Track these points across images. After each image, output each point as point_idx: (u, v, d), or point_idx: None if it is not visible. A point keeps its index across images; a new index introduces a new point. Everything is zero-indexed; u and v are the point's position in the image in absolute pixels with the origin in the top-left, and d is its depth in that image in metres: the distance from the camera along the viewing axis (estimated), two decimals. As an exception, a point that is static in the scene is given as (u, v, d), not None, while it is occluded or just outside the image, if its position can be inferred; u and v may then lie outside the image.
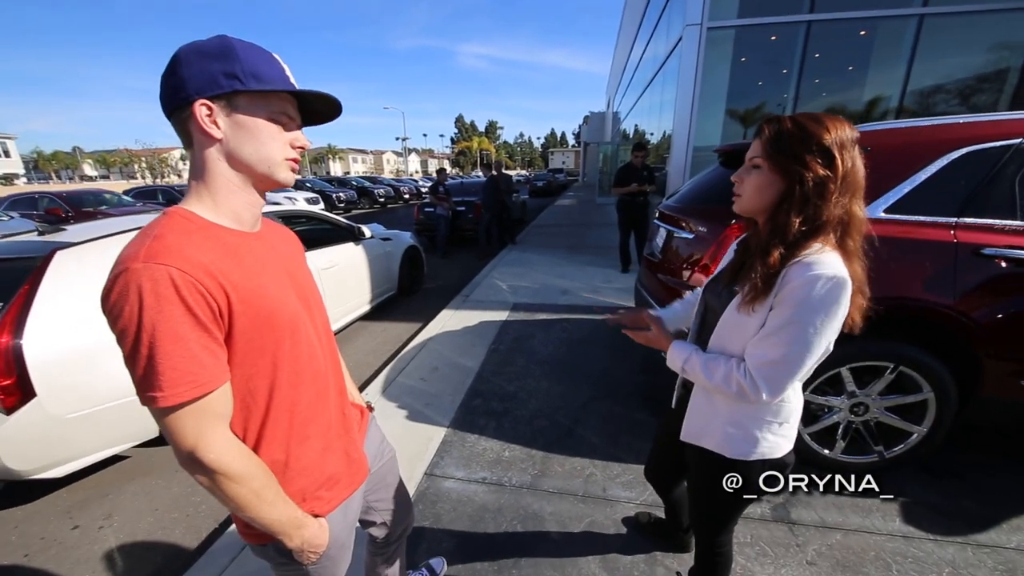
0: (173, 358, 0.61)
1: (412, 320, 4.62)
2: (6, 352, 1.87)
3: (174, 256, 0.62)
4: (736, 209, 0.97)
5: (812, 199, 0.83)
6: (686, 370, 1.02)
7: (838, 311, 0.83)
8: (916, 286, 1.78)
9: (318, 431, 0.86)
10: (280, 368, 0.76)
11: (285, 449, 0.80)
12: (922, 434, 1.94)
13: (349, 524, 0.94)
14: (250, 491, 0.71)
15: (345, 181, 20.33)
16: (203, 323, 0.64)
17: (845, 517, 1.83)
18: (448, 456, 2.31)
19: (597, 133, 25.91)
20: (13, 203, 10.60)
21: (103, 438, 2.17)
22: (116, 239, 2.38)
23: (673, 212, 2.57)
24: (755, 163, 0.91)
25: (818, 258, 0.83)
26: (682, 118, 6.48)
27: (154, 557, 1.87)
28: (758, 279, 0.86)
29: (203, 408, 0.65)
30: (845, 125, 0.84)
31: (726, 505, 1.14)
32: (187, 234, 0.67)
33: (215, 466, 0.67)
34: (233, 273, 0.68)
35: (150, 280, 0.60)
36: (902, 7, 5.67)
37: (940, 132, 1.85)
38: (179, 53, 0.68)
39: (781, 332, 0.86)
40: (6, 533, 2.03)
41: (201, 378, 0.64)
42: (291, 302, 0.79)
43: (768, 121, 0.90)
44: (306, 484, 0.83)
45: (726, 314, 0.98)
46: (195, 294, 0.62)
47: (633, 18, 13.87)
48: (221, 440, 0.68)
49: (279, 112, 0.73)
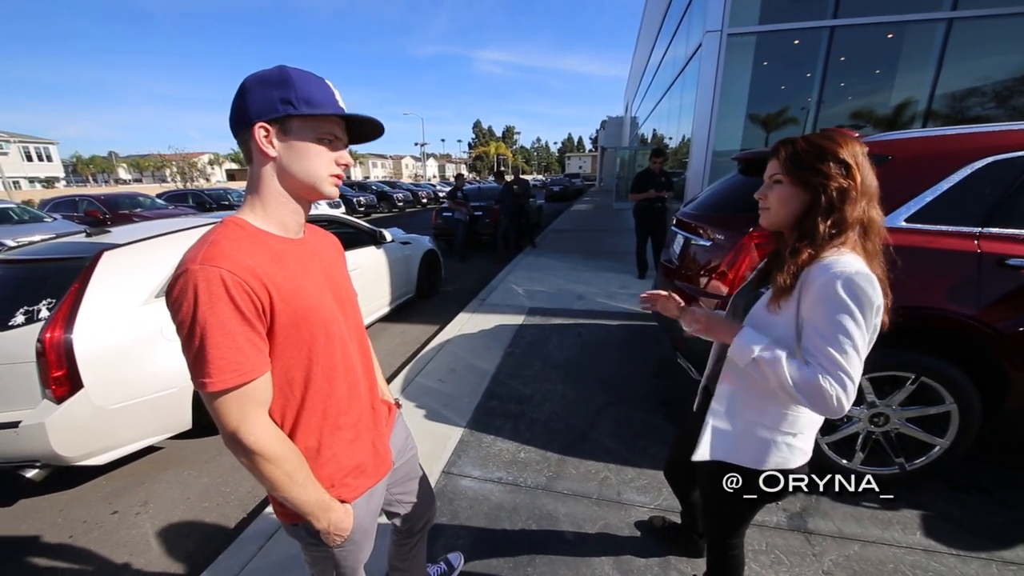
0: (221, 348, 0.69)
1: (430, 322, 4.71)
2: (58, 346, 2.01)
3: (225, 259, 0.70)
4: (764, 223, 1.03)
5: (837, 205, 0.89)
6: (759, 360, 0.92)
7: (872, 302, 0.84)
8: (938, 296, 1.76)
9: (349, 422, 0.93)
10: (315, 362, 0.84)
11: (318, 437, 0.87)
12: (944, 447, 1.90)
13: (372, 512, 1.01)
14: (283, 472, 0.78)
15: (365, 186, 20.76)
16: (248, 319, 0.72)
17: (864, 528, 1.81)
18: (465, 455, 2.36)
19: (614, 138, 25.83)
20: (55, 205, 11.19)
21: (141, 429, 2.30)
22: (158, 241, 2.53)
23: (691, 219, 2.59)
24: (776, 179, 0.97)
25: (837, 258, 0.88)
26: (702, 123, 6.44)
27: (187, 543, 1.98)
28: (786, 277, 0.91)
29: (246, 394, 0.74)
30: (854, 141, 0.92)
31: (734, 508, 1.16)
32: (238, 240, 0.76)
33: (254, 447, 0.75)
34: (276, 275, 0.76)
35: (204, 280, 0.68)
36: (930, 11, 5.54)
37: (964, 141, 1.84)
38: (245, 81, 0.77)
39: (829, 333, 0.86)
40: (53, 515, 2.17)
41: (244, 367, 0.72)
42: (327, 302, 0.87)
43: (783, 143, 0.97)
44: (335, 471, 0.90)
45: (753, 311, 1.02)
46: (242, 293, 0.70)
47: (652, 24, 13.84)
48: (260, 424, 0.76)
49: (326, 133, 0.81)
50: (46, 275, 2.29)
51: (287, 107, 0.76)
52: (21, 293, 2.20)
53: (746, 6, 5.99)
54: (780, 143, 0.98)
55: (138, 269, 2.37)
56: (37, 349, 1.99)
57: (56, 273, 2.27)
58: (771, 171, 0.98)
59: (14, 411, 2.00)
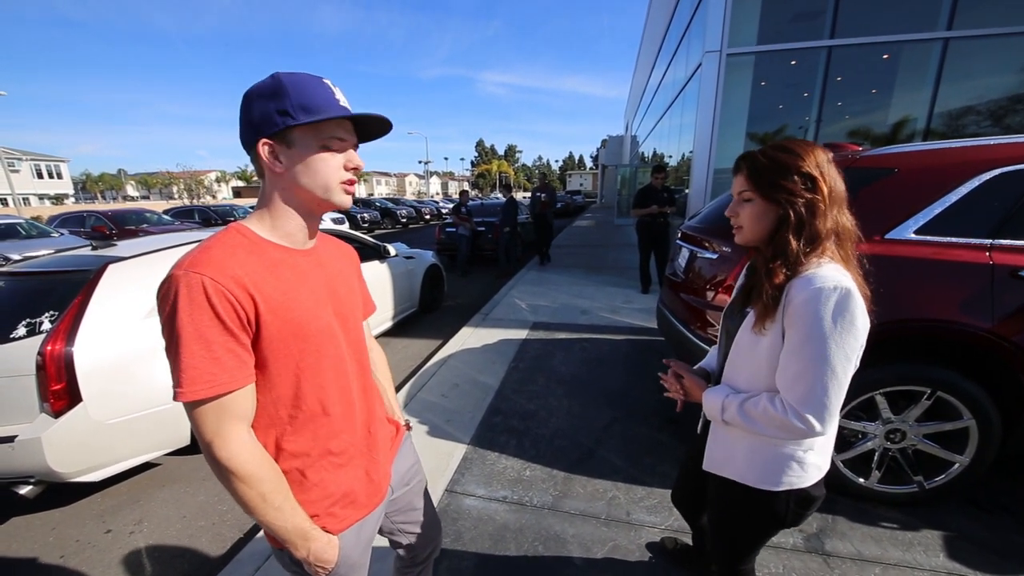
0: (196, 358, 0.67)
1: (433, 337, 4.67)
2: (58, 359, 1.99)
3: (211, 267, 0.68)
4: (739, 241, 1.01)
5: (807, 220, 0.88)
6: (726, 420, 0.99)
7: (855, 320, 0.82)
8: (951, 308, 1.73)
9: (340, 447, 0.87)
10: (305, 379, 0.80)
11: (304, 460, 0.82)
12: (964, 464, 1.85)
13: (362, 544, 0.93)
14: (257, 494, 0.73)
15: (369, 202, 20.96)
16: (229, 328, 0.69)
17: (884, 550, 1.74)
18: (469, 473, 2.30)
19: (615, 156, 26.17)
20: (63, 221, 11.33)
21: (138, 444, 2.25)
22: (163, 254, 2.53)
23: (697, 232, 2.58)
24: (746, 197, 0.96)
25: (817, 272, 0.86)
26: (702, 141, 6.52)
27: (181, 564, 1.91)
28: (766, 298, 0.89)
29: (223, 407, 0.70)
30: (816, 148, 0.90)
31: (750, 535, 1.10)
32: (233, 247, 0.74)
33: (227, 464, 0.71)
34: (266, 285, 0.73)
35: (186, 286, 0.66)
36: (926, 31, 5.66)
37: (971, 153, 1.84)
38: (246, 96, 0.75)
39: (802, 352, 0.85)
40: (44, 534, 2.11)
41: (220, 379, 0.69)
42: (323, 316, 0.83)
43: (744, 159, 0.96)
44: (320, 497, 0.84)
45: (739, 336, 1.00)
46: (223, 301, 0.68)
47: (652, 45, 14.18)
48: (236, 439, 0.72)
49: (330, 137, 0.77)
50: (50, 288, 2.28)
51: (285, 119, 0.73)
52: (25, 306, 2.19)
53: (744, 27, 6.13)
54: (741, 158, 0.96)
55: (141, 282, 2.36)
56: (37, 362, 1.97)
57: (60, 286, 2.27)
58: (738, 187, 0.97)
59: (11, 425, 1.97)
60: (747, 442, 1.01)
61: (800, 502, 1.01)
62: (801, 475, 0.97)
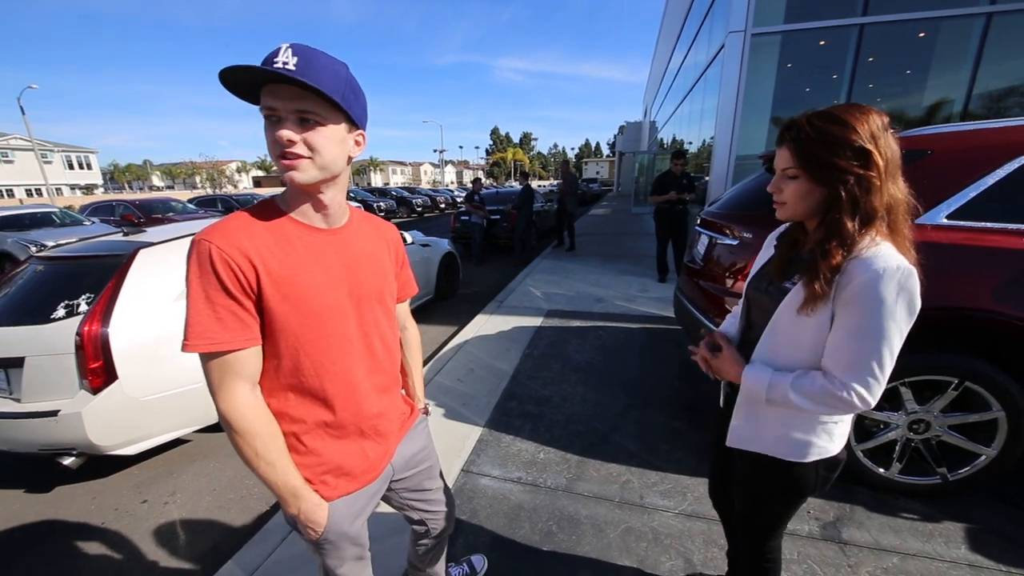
0: (200, 315, 0.75)
1: (448, 324, 4.73)
2: (95, 338, 2.09)
3: (220, 235, 0.75)
4: (781, 216, 0.96)
5: (861, 199, 0.82)
6: (771, 399, 0.94)
7: (914, 300, 0.81)
8: (984, 296, 1.67)
9: (336, 421, 0.90)
10: (304, 353, 0.83)
11: (300, 426, 0.87)
12: (991, 456, 1.80)
13: (353, 516, 0.95)
14: (251, 447, 0.79)
15: (385, 191, 21.13)
16: (232, 293, 0.75)
17: (903, 540, 1.72)
18: (484, 455, 2.35)
19: (633, 143, 25.66)
20: (94, 210, 11.74)
21: (171, 421, 2.36)
22: (190, 240, 2.61)
23: (716, 219, 2.53)
24: (791, 174, 0.89)
25: (876, 251, 0.81)
26: (724, 126, 6.33)
27: (212, 533, 2.02)
28: (822, 283, 0.84)
29: (226, 364, 0.77)
30: (870, 114, 0.82)
31: (779, 507, 1.10)
32: (249, 220, 0.80)
33: (225, 416, 0.78)
34: (271, 259, 0.78)
35: (197, 252, 0.75)
36: (967, 6, 5.34)
37: (1009, 134, 1.75)
38: None
39: (862, 333, 0.83)
40: (87, 503, 2.24)
41: (219, 337, 0.75)
42: (333, 295, 0.85)
43: (788, 130, 0.88)
44: (315, 463, 0.89)
45: (780, 314, 0.94)
46: (225, 268, 0.74)
47: (672, 27, 13.74)
48: (236, 395, 0.78)
49: (264, 109, 0.75)
50: (86, 272, 2.39)
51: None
52: (63, 289, 2.31)
53: (771, 5, 5.88)
54: (785, 129, 0.88)
55: (171, 266, 2.45)
56: (76, 341, 2.07)
57: (96, 270, 2.37)
58: (783, 163, 0.89)
59: (54, 400, 2.09)
60: (779, 417, 0.99)
61: (828, 467, 1.01)
62: (830, 444, 0.99)
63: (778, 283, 0.99)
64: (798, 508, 1.11)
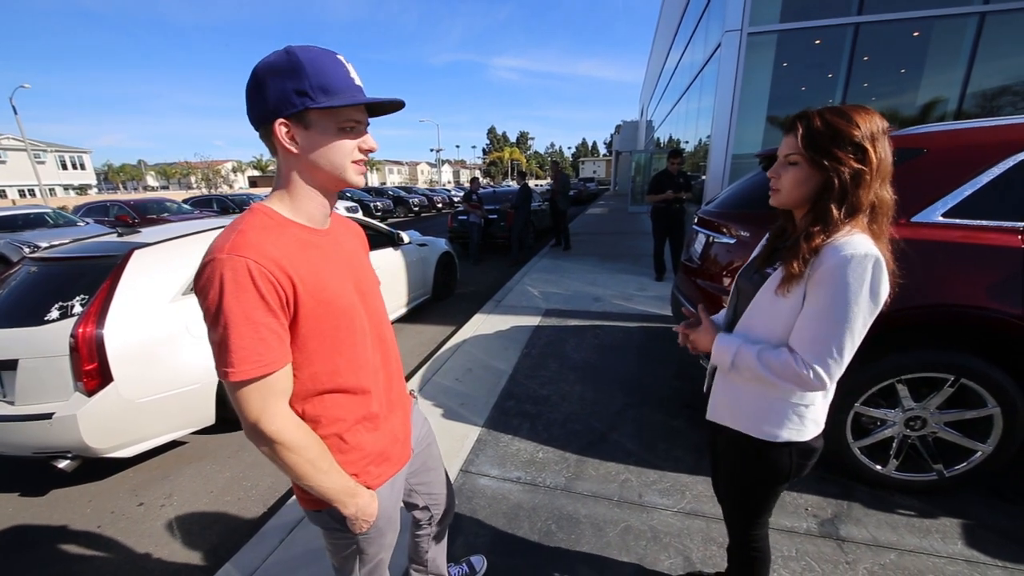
0: (244, 338, 0.70)
1: (446, 323, 4.72)
2: (90, 340, 2.08)
3: (252, 249, 0.71)
4: (774, 203, 1.01)
5: (850, 190, 0.87)
6: (736, 364, 1.01)
7: (878, 288, 0.85)
8: (979, 294, 1.68)
9: (372, 412, 0.93)
10: (339, 352, 0.84)
11: (343, 426, 0.88)
12: (987, 452, 1.81)
13: (395, 498, 1.01)
14: (306, 460, 0.79)
15: (382, 191, 21.03)
16: (272, 309, 0.72)
17: (900, 536, 1.73)
18: (483, 454, 2.35)
19: (629, 142, 25.69)
20: (88, 210, 11.62)
21: (167, 423, 2.35)
22: (185, 240, 2.60)
23: (714, 217, 2.54)
24: (792, 160, 0.94)
25: (848, 239, 0.87)
26: (721, 125, 6.35)
27: (210, 535, 2.00)
28: (800, 262, 0.89)
29: (267, 385, 0.74)
30: (874, 116, 0.87)
31: (759, 489, 1.13)
32: (265, 230, 0.75)
33: (275, 437, 0.75)
34: (301, 266, 0.76)
35: (231, 269, 0.68)
36: (960, 5, 5.37)
37: (1004, 132, 1.76)
38: (257, 72, 0.74)
39: (826, 314, 0.88)
40: (82, 506, 2.22)
41: (266, 358, 0.72)
42: (348, 292, 0.87)
43: (799, 118, 0.92)
44: (359, 459, 0.91)
45: (759, 296, 1.01)
46: (267, 283, 0.70)
47: (669, 26, 13.76)
48: (281, 414, 0.76)
49: (346, 120, 0.77)
50: (80, 273, 2.37)
51: (304, 99, 0.72)
52: (57, 290, 2.28)
53: (767, 4, 5.90)
54: (797, 118, 0.93)
55: (166, 267, 2.44)
56: (70, 344, 2.05)
57: (90, 271, 2.35)
58: (787, 150, 0.95)
59: (48, 403, 2.07)
60: (751, 393, 1.04)
61: (802, 454, 1.05)
62: (800, 429, 1.02)
63: (762, 271, 1.05)
64: (777, 495, 1.14)
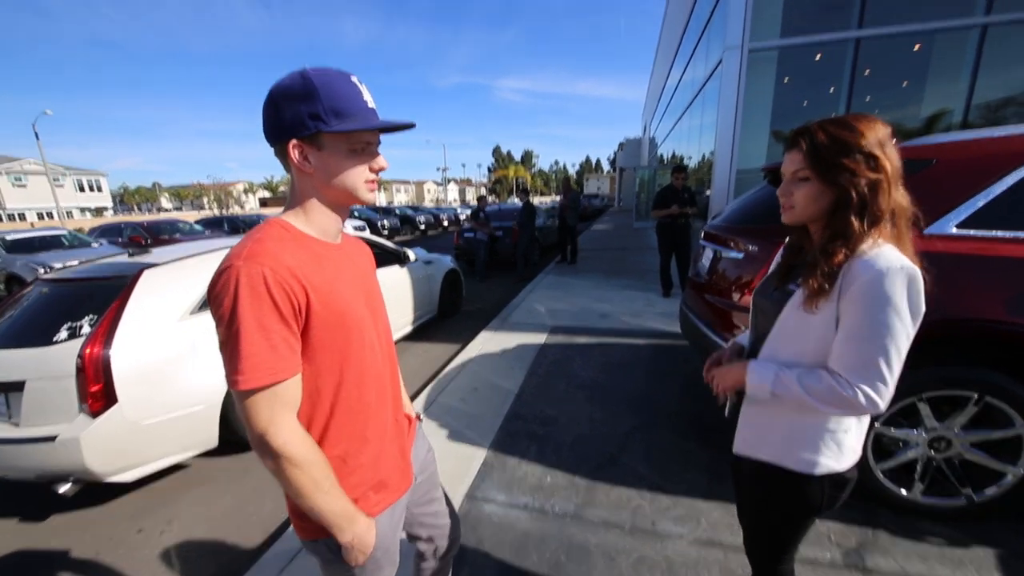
0: (256, 346, 0.69)
1: (452, 341, 4.69)
2: (96, 361, 2.07)
3: (269, 258, 0.71)
4: (787, 220, 0.97)
5: (869, 200, 0.85)
6: (777, 393, 0.93)
7: (917, 300, 0.81)
8: (998, 307, 1.62)
9: (375, 434, 0.90)
10: (347, 367, 0.83)
11: (345, 446, 0.85)
12: (1019, 475, 1.72)
13: (394, 528, 0.96)
14: (309, 478, 0.76)
15: (389, 210, 21.37)
16: (285, 318, 0.72)
17: (930, 568, 1.63)
18: (489, 479, 2.28)
19: (633, 158, 25.91)
20: (103, 232, 11.91)
21: (170, 445, 2.32)
22: (195, 259, 2.62)
23: (721, 231, 2.51)
24: (801, 176, 0.91)
25: (879, 252, 0.83)
26: (724, 141, 6.39)
27: (209, 563, 1.95)
28: (823, 278, 0.85)
29: (276, 395, 0.73)
30: (876, 122, 0.86)
31: (788, 525, 1.05)
32: (282, 241, 0.77)
33: (281, 450, 0.73)
34: (315, 277, 0.77)
35: (247, 276, 0.69)
36: (962, 17, 5.40)
37: (1016, 142, 1.73)
38: (272, 94, 0.76)
39: (867, 331, 0.83)
40: (80, 531, 2.19)
41: (277, 367, 0.71)
42: (359, 307, 0.86)
43: (800, 134, 0.90)
44: (359, 483, 0.87)
45: (784, 315, 0.95)
46: (281, 292, 0.71)
47: (670, 43, 14.01)
48: (288, 426, 0.75)
49: (358, 141, 0.79)
50: (90, 293, 2.39)
51: (317, 123, 0.74)
52: (68, 310, 2.30)
53: (767, 20, 5.99)
54: (797, 134, 0.91)
55: (175, 286, 2.45)
56: (77, 364, 2.05)
57: (100, 291, 2.37)
58: (794, 166, 0.91)
59: (52, 425, 2.05)
60: (785, 422, 0.97)
61: (835, 485, 0.97)
62: (839, 457, 0.95)
63: (782, 288, 1.00)
64: (806, 529, 1.06)
